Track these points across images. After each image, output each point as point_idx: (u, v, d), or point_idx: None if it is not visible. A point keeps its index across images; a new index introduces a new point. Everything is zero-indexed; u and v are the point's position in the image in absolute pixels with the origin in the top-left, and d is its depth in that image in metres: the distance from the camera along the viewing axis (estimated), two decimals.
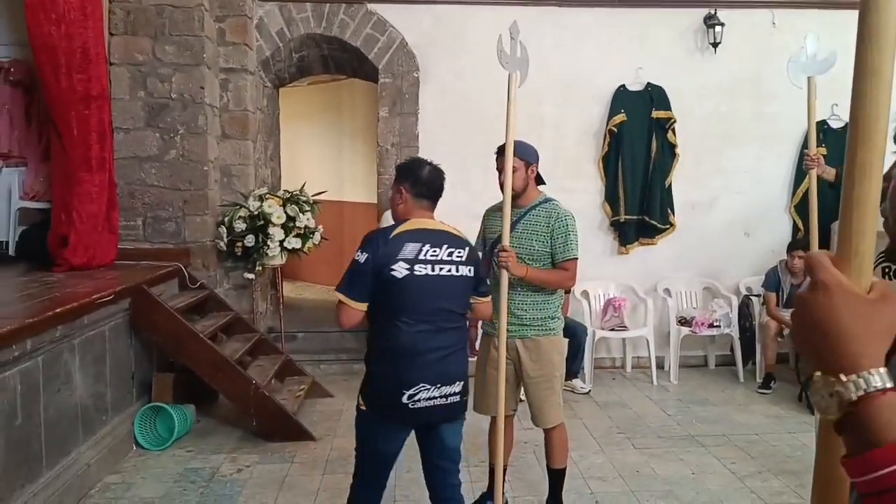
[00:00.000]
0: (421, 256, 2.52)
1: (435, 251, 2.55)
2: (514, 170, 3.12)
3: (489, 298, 2.83)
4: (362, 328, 2.67)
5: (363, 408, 2.61)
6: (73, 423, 3.75)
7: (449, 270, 2.57)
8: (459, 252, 2.61)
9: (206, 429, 4.76)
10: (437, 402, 2.54)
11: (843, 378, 0.68)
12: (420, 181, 2.66)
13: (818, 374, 0.71)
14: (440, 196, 2.73)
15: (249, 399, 4.52)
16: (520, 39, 3.07)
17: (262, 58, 6.11)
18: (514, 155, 3.09)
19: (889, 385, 0.67)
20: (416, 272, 2.50)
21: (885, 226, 0.85)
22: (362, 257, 2.51)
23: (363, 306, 2.53)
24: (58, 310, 3.44)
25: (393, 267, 2.48)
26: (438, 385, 2.53)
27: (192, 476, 4.02)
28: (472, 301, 2.73)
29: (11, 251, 5.44)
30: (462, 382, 2.62)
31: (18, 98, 5.69)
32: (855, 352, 0.69)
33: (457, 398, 2.60)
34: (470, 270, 2.64)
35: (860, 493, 0.66)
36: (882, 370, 0.68)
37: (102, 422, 4.12)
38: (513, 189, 3.14)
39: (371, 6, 6.13)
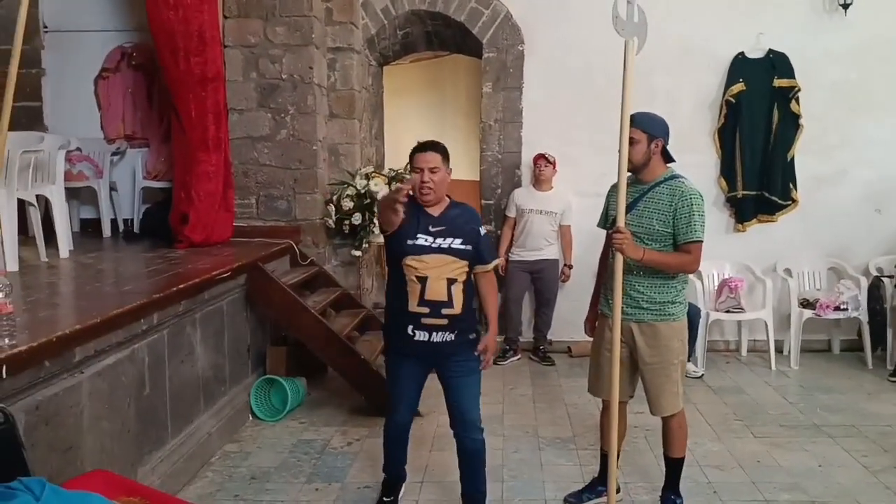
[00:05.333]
0: None
1: None
2: (635, 142, 2.99)
3: None
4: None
5: None
6: (196, 394, 3.93)
7: None
8: None
9: (317, 401, 4.89)
10: None
11: None
12: None
13: None
14: None
15: (358, 374, 4.60)
16: (637, 3, 2.91)
17: (367, 36, 6.14)
18: (637, 126, 2.97)
19: None
20: None
21: None
22: None
23: None
24: (181, 285, 3.59)
25: None
26: None
27: (305, 447, 4.13)
28: None
29: (136, 228, 5.76)
30: None
31: (141, 81, 6.00)
32: None
33: None
34: None
35: None
36: None
37: (222, 392, 4.29)
38: (633, 163, 3.02)
39: None
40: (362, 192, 5.55)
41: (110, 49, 6.05)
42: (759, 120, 5.94)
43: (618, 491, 3.34)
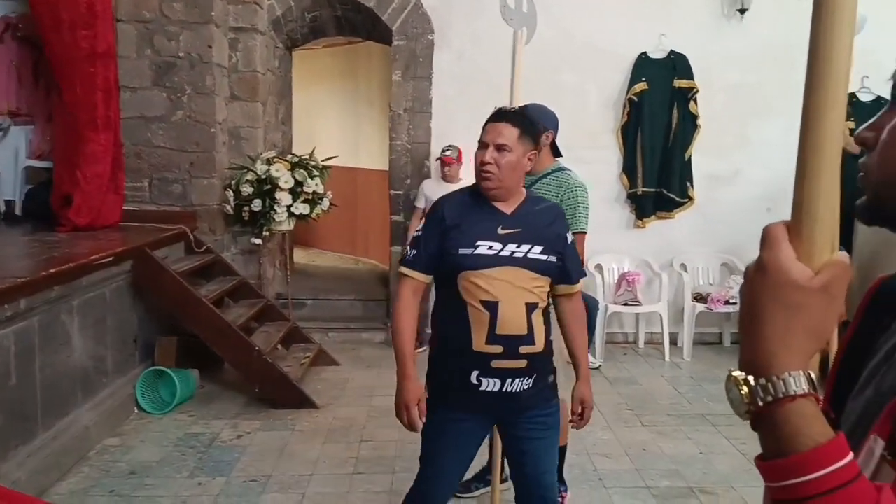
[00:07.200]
0: None
1: None
2: None
3: None
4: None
5: None
6: (72, 385, 3.72)
7: None
8: None
9: (210, 394, 4.73)
10: None
11: (752, 381, 0.62)
12: None
13: (732, 370, 0.64)
14: None
15: (252, 365, 4.47)
16: None
17: (273, 17, 5.96)
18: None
19: (801, 391, 0.60)
20: None
21: (865, 181, 0.74)
22: None
23: None
24: (53, 270, 3.38)
25: None
26: None
27: (192, 441, 3.98)
28: None
29: (18, 210, 5.41)
30: None
31: (26, 54, 5.62)
32: (771, 350, 0.61)
33: None
34: None
35: (772, 499, 0.61)
36: (798, 374, 0.60)
37: (103, 384, 4.08)
38: None
39: None
40: (263, 177, 5.38)
41: None
42: (660, 119, 6.09)
43: (505, 480, 3.35)
